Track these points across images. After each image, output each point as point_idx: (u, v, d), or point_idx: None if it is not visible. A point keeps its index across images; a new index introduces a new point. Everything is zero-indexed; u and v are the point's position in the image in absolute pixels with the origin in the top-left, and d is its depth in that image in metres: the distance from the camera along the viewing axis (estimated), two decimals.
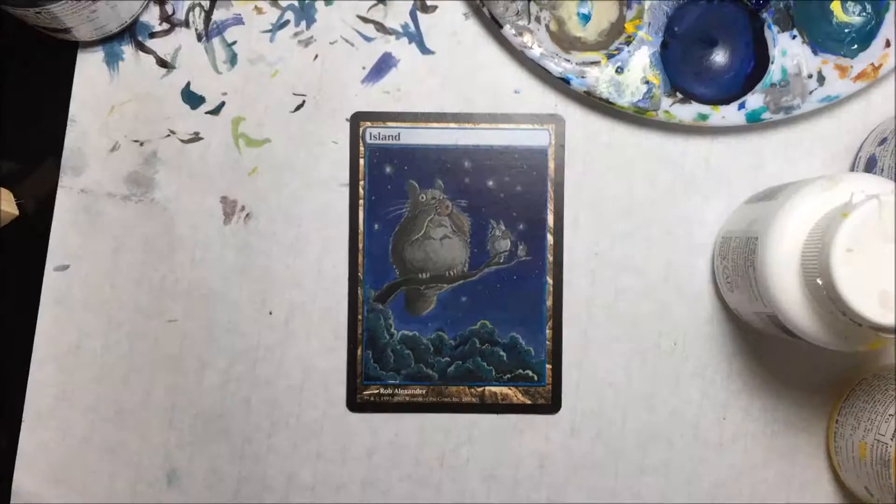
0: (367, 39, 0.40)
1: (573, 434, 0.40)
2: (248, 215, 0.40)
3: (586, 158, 0.40)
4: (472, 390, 0.40)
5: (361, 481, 0.40)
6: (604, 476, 0.40)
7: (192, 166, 0.40)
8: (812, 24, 0.38)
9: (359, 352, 0.39)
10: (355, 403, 0.40)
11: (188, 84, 0.40)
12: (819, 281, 0.30)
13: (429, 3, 0.39)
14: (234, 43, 0.40)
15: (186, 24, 0.39)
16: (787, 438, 0.40)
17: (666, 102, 0.39)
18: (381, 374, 0.40)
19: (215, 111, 0.40)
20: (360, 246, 0.40)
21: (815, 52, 0.38)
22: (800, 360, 0.40)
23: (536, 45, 0.38)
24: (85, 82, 0.40)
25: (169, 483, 0.39)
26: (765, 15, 0.38)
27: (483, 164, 0.40)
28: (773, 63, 0.38)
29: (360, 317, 0.39)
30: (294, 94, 0.40)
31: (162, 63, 0.40)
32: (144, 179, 0.40)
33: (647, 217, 0.40)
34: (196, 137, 0.40)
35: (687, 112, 0.39)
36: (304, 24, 0.40)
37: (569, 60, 0.38)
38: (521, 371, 0.39)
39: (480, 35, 0.40)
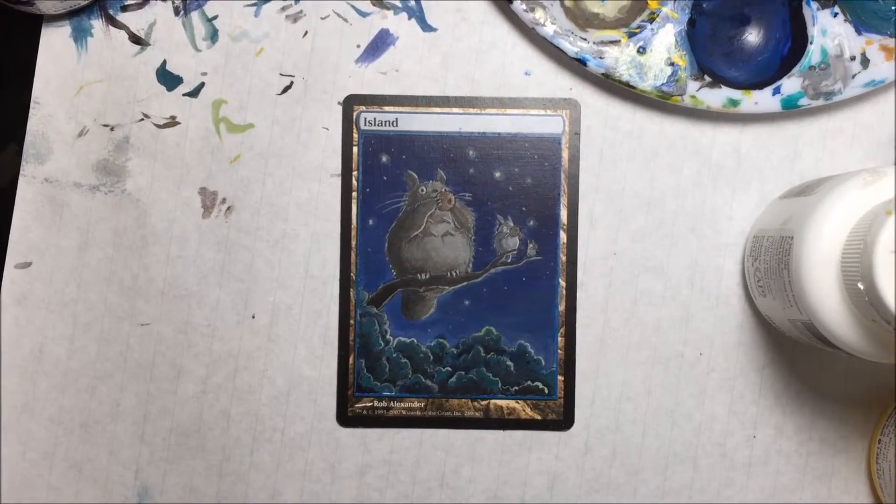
0: (363, 14, 0.40)
1: (587, 452, 0.40)
2: (229, 208, 0.40)
3: (604, 148, 0.40)
4: (476, 404, 0.40)
5: (353, 502, 0.40)
6: (620, 499, 0.40)
7: (167, 154, 0.40)
8: (855, 1, 0.38)
9: (350, 360, 0.39)
10: (346, 417, 0.40)
11: (164, 63, 0.40)
12: (860, 285, 0.30)
13: None
14: (215, 18, 0.40)
15: None
16: (824, 459, 0.40)
17: (692, 86, 0.38)
18: (375, 384, 0.40)
19: (194, 93, 0.40)
20: (353, 243, 0.40)
21: (858, 32, 0.38)
22: (838, 373, 0.40)
23: (549, 22, 0.38)
24: (50, 60, 0.40)
25: (140, 503, 0.39)
26: None
27: (490, 153, 0.40)
28: (811, 43, 0.38)
29: (352, 322, 0.39)
30: (281, 75, 0.40)
31: (135, 39, 0.40)
32: (115, 168, 0.40)
33: (671, 213, 0.40)
34: (172, 122, 0.40)
35: (716, 97, 0.38)
36: None
37: (585, 39, 0.38)
38: (529, 383, 0.40)
39: (488, 11, 0.40)
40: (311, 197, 0.40)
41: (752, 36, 0.39)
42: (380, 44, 0.40)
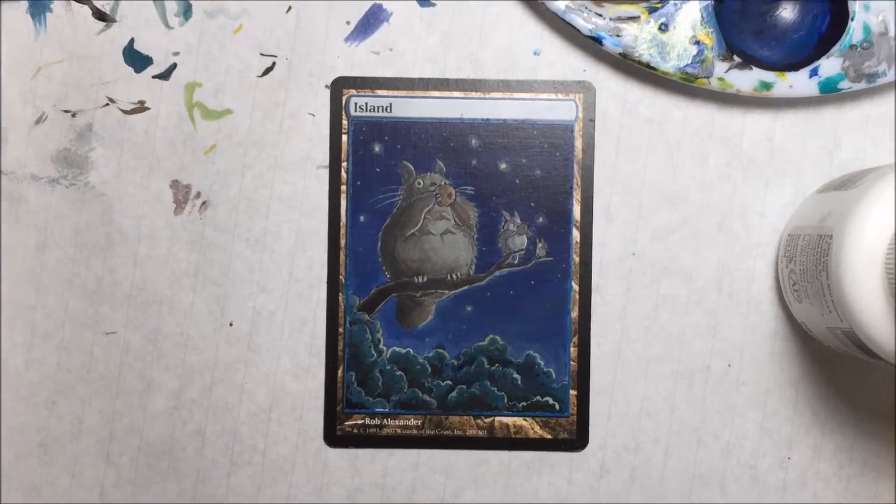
0: None
1: (603, 475, 0.40)
2: (204, 203, 0.40)
3: (621, 136, 0.40)
4: (479, 421, 0.40)
5: None
6: None
7: (135, 143, 0.40)
8: None
9: (339, 373, 0.40)
10: (335, 436, 0.40)
11: (131, 41, 0.40)
12: None
13: None
14: None
15: None
16: (866, 483, 0.40)
17: (720, 68, 0.39)
18: (367, 400, 0.40)
19: (164, 75, 0.40)
20: (342, 242, 0.40)
21: None
22: (882, 387, 0.40)
23: None
24: (5, 39, 0.40)
25: None
26: None
27: (494, 142, 0.40)
28: (853, 20, 0.38)
29: (340, 330, 0.40)
30: (262, 55, 0.40)
31: (99, 15, 0.40)
32: (76, 159, 0.40)
33: (696, 209, 0.40)
34: (141, 107, 0.40)
35: (746, 80, 0.39)
36: None
37: (601, 15, 0.39)
38: (538, 398, 0.40)
39: None
40: (295, 191, 0.40)
41: (787, 11, 0.39)
42: (372, 20, 0.40)
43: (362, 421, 0.40)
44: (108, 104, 0.40)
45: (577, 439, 0.40)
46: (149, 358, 0.40)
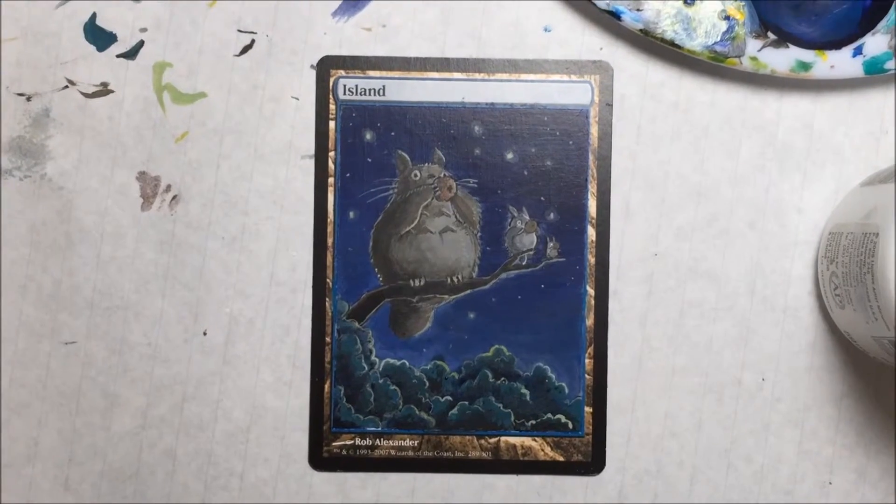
0: None
1: (621, 501, 0.40)
2: (174, 198, 0.40)
3: (642, 122, 0.40)
4: (483, 442, 0.40)
5: None
6: None
7: (98, 130, 0.40)
8: None
9: (326, 387, 0.40)
10: (321, 458, 0.39)
11: (93, 17, 0.40)
12: None
13: None
14: None
15: None
16: None
17: (753, 46, 0.38)
18: (357, 418, 0.40)
19: (130, 54, 0.40)
20: (330, 241, 0.39)
21: None
22: None
23: None
24: None
25: None
26: None
27: (500, 129, 0.39)
28: None
29: (328, 339, 0.39)
30: (239, 31, 0.40)
31: None
32: (32, 148, 0.40)
33: (726, 204, 0.40)
34: (104, 90, 0.40)
35: (782, 59, 0.38)
36: None
37: None
38: (549, 416, 0.39)
39: None
40: (276, 184, 0.40)
41: None
42: None
43: (352, 441, 0.39)
44: (67, 87, 0.40)
45: (592, 462, 0.39)
46: (113, 371, 0.40)
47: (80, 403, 0.39)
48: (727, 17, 0.38)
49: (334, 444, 0.39)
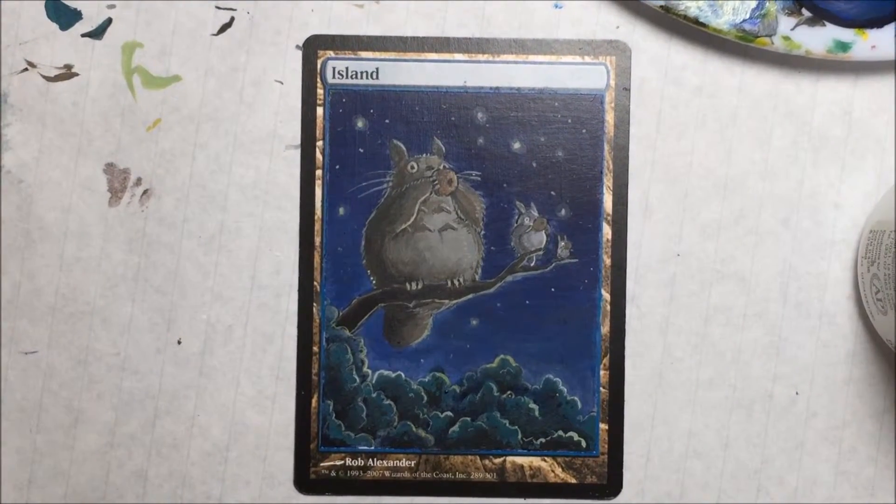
0: None
1: None
2: (145, 192, 0.39)
3: (663, 109, 0.39)
4: (487, 462, 0.39)
5: None
6: None
7: (61, 117, 0.40)
8: None
9: (314, 402, 0.39)
10: (308, 481, 0.39)
11: None
12: None
13: None
14: None
15: None
16: None
17: (786, 24, 0.38)
18: (348, 436, 0.39)
19: (97, 33, 0.40)
20: (317, 240, 0.39)
21: None
22: None
23: None
24: None
25: None
26: None
27: (506, 116, 0.39)
28: None
29: (315, 349, 0.39)
30: (217, 8, 0.39)
31: None
32: None
33: (755, 199, 0.40)
34: (68, 73, 0.40)
35: (818, 39, 0.38)
36: None
37: None
38: (561, 433, 0.39)
39: None
40: (259, 177, 0.39)
41: None
42: None
43: (342, 462, 0.39)
44: (26, 69, 0.40)
45: (608, 484, 0.39)
46: (77, 384, 0.39)
47: (41, 419, 0.39)
48: None
49: (322, 464, 0.39)
